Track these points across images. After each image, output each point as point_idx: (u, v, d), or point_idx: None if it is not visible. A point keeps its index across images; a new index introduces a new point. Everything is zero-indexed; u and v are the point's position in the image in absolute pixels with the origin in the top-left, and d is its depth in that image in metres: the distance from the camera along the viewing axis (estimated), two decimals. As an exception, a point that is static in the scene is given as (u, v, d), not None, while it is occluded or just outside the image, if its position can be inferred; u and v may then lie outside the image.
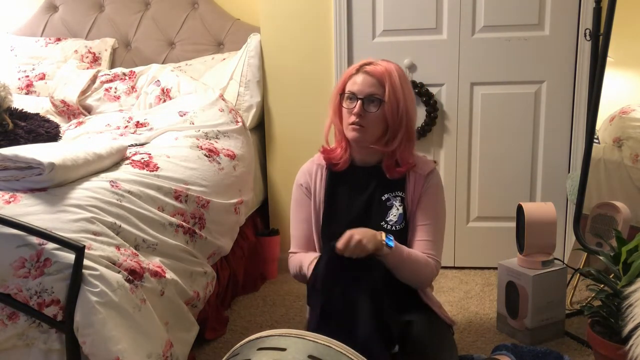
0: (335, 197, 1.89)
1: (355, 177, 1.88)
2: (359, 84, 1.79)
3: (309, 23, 2.74)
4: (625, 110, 2.34)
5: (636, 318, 1.50)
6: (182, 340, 1.76)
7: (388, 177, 1.84)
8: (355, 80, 1.80)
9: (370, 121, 1.78)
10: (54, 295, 1.42)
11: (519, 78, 2.66)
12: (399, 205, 1.83)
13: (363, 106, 1.77)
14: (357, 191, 1.88)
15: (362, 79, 1.79)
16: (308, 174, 1.93)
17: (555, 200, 2.53)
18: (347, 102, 1.81)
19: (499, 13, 2.60)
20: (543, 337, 2.17)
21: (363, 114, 1.77)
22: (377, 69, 1.79)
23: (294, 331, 1.26)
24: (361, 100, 1.77)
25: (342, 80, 1.85)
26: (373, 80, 1.78)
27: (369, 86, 1.78)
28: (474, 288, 2.63)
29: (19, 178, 1.63)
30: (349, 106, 1.80)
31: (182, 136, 2.26)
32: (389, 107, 1.77)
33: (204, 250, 2.03)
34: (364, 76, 1.79)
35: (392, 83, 1.77)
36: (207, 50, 3.12)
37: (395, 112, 1.78)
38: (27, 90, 3.04)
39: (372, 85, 1.78)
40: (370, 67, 1.80)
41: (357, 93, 1.78)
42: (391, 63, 1.83)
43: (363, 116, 1.77)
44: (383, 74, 1.78)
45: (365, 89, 1.77)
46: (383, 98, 1.77)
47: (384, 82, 1.77)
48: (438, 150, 2.77)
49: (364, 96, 1.77)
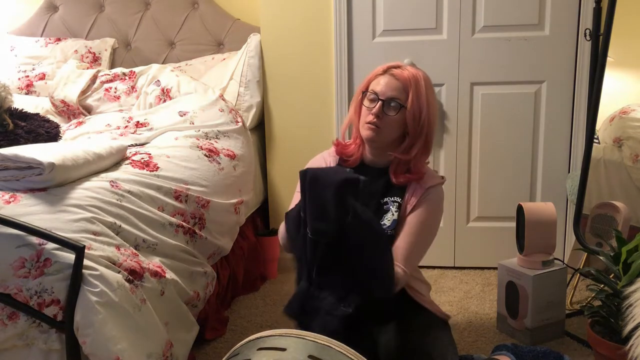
0: None
1: (363, 174, 1.86)
2: (383, 85, 1.78)
3: (309, 23, 2.74)
4: (625, 110, 2.34)
5: (636, 318, 1.50)
6: (182, 340, 1.76)
7: (394, 182, 1.81)
8: (380, 81, 1.80)
9: (387, 124, 1.77)
10: (54, 295, 1.42)
11: (519, 78, 2.66)
12: (394, 211, 1.81)
13: (383, 108, 1.76)
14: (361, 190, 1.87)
15: (386, 80, 1.78)
16: (324, 160, 1.92)
17: (555, 200, 2.53)
18: (368, 102, 1.81)
19: (499, 13, 2.60)
20: (543, 337, 2.17)
21: (381, 116, 1.76)
22: (404, 74, 1.78)
23: (294, 331, 1.26)
24: (382, 102, 1.77)
25: (367, 78, 1.85)
26: (397, 84, 1.77)
27: (392, 89, 1.77)
28: (474, 288, 2.63)
29: (19, 178, 1.63)
30: (369, 105, 1.80)
31: (182, 136, 2.26)
32: (410, 115, 1.76)
33: (204, 250, 2.03)
34: (389, 78, 1.78)
35: (417, 91, 1.76)
36: (207, 50, 3.12)
37: (417, 120, 1.77)
38: (27, 90, 3.05)
39: (396, 89, 1.77)
40: (397, 71, 1.79)
41: (379, 94, 1.78)
42: (420, 71, 1.82)
43: (381, 117, 1.77)
44: (409, 79, 1.77)
45: (387, 92, 1.77)
46: (404, 104, 1.76)
47: (409, 88, 1.76)
48: (438, 150, 2.77)
49: (385, 98, 1.77)
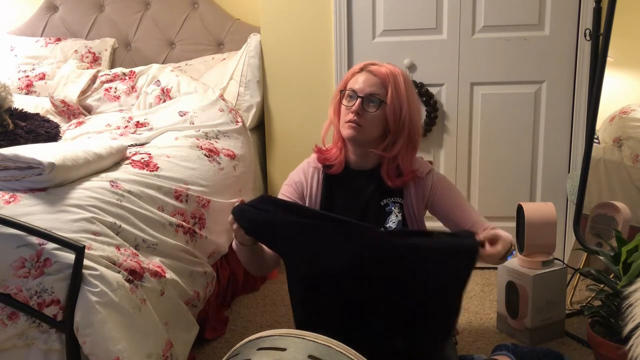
0: (332, 201, 1.86)
1: (352, 181, 1.84)
2: (361, 82, 1.76)
3: (309, 23, 2.74)
4: (625, 110, 2.34)
5: (636, 318, 1.50)
6: (182, 340, 1.76)
7: (390, 185, 1.79)
8: (358, 78, 1.78)
9: (368, 121, 1.75)
10: (54, 295, 1.42)
11: (519, 78, 2.66)
12: (397, 212, 1.80)
13: (362, 105, 1.74)
14: (354, 196, 1.83)
15: (364, 77, 1.77)
16: (304, 174, 1.87)
17: (555, 200, 2.53)
18: (347, 100, 1.78)
19: (499, 13, 2.60)
20: (543, 337, 2.16)
21: (361, 113, 1.74)
22: (382, 70, 1.77)
23: (294, 331, 1.26)
24: (361, 99, 1.74)
25: (345, 78, 1.83)
26: (376, 80, 1.76)
27: (370, 85, 1.75)
28: (474, 288, 2.63)
29: (19, 178, 1.63)
30: (348, 104, 1.78)
31: (182, 136, 2.26)
32: (390, 110, 1.74)
33: (204, 250, 2.03)
34: (367, 75, 1.77)
35: (396, 86, 1.75)
36: (207, 50, 3.12)
37: (397, 116, 1.75)
38: (27, 90, 3.04)
39: (374, 84, 1.75)
40: (374, 67, 1.78)
41: (357, 91, 1.75)
42: (397, 67, 1.81)
43: (361, 115, 1.74)
44: (387, 75, 1.76)
45: (366, 88, 1.75)
46: (384, 99, 1.74)
47: (387, 83, 1.75)
48: (438, 150, 2.77)
49: (364, 95, 1.74)
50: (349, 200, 1.83)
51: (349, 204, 1.83)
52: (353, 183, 1.84)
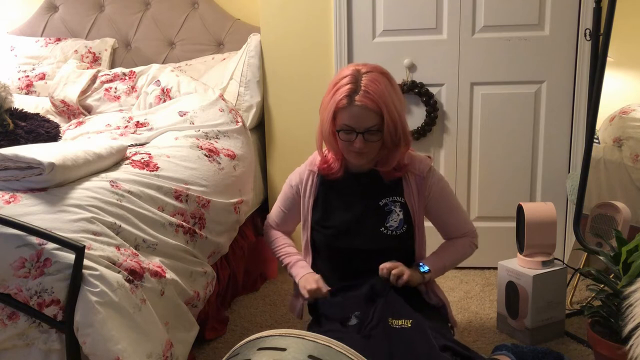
0: (327, 204, 1.88)
1: (350, 183, 1.86)
2: (356, 118, 1.70)
3: (309, 23, 2.74)
4: (625, 110, 2.34)
5: (636, 318, 1.50)
6: (182, 340, 1.76)
7: (386, 181, 1.82)
8: (351, 113, 1.71)
9: (372, 147, 1.76)
10: (54, 295, 1.42)
11: (519, 78, 2.66)
12: (399, 211, 1.81)
13: (364, 138, 1.72)
14: (351, 197, 1.86)
15: (357, 112, 1.70)
16: (300, 177, 1.94)
17: (555, 200, 2.53)
18: (345, 134, 1.74)
19: (499, 13, 2.60)
20: (543, 337, 2.17)
21: (364, 144, 1.73)
22: (370, 99, 1.68)
23: (294, 331, 1.26)
24: (361, 135, 1.72)
25: (330, 110, 1.74)
26: (369, 113, 1.70)
27: (367, 120, 1.71)
28: (474, 288, 2.63)
29: (19, 178, 1.63)
30: (347, 139, 1.74)
31: (182, 136, 2.26)
32: (387, 130, 1.73)
33: (204, 250, 2.03)
34: (358, 110, 1.70)
35: (387, 107, 1.70)
36: (207, 50, 3.12)
37: (394, 131, 1.74)
38: (27, 90, 3.04)
39: (370, 118, 1.71)
40: (361, 98, 1.68)
41: (355, 128, 1.71)
42: (375, 73, 1.72)
43: (364, 145, 1.74)
44: (378, 102, 1.69)
45: (363, 124, 1.71)
46: (382, 126, 1.72)
47: (381, 109, 1.70)
48: (438, 150, 2.77)
49: (363, 130, 1.72)
50: (346, 201, 1.87)
51: (346, 204, 1.86)
52: (350, 184, 1.86)
